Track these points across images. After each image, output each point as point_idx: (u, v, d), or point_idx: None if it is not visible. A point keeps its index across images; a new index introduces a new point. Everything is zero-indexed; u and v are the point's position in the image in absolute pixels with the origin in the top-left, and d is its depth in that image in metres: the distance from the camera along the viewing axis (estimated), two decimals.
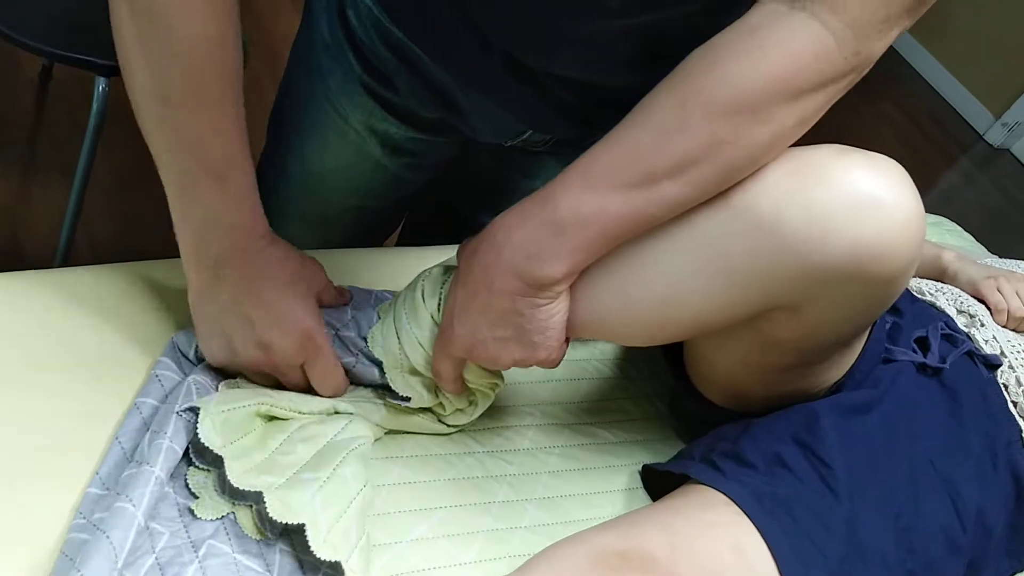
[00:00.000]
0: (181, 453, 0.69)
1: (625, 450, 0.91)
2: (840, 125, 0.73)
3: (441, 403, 0.80)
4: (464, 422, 0.82)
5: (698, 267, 0.66)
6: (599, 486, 0.87)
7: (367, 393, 0.80)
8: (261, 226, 0.72)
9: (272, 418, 0.74)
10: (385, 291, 0.86)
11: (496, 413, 0.88)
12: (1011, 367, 0.94)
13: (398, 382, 0.78)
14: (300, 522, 0.65)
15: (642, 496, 0.88)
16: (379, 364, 0.78)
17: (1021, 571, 0.88)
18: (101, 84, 1.39)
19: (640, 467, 0.89)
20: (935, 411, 0.87)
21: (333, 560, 0.65)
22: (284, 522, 0.65)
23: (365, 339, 0.78)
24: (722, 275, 0.65)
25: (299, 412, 0.74)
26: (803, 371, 0.80)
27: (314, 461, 0.70)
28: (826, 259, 0.62)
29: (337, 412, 0.77)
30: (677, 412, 0.97)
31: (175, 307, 0.81)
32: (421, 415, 0.81)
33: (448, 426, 0.82)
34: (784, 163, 0.63)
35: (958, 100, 3.64)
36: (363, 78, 0.88)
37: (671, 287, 0.68)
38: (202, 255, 0.70)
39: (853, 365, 0.83)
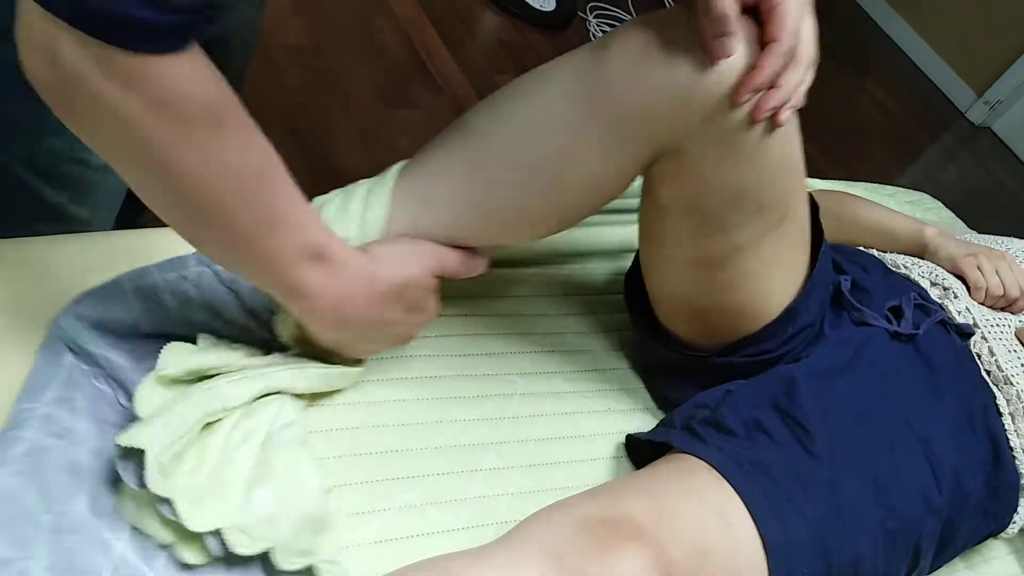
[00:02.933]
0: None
1: (609, 419, 0.92)
2: (823, 101, 0.74)
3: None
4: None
5: (584, 112, 0.72)
6: (584, 454, 0.88)
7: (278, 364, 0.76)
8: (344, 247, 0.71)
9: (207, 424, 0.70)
10: None
11: (482, 381, 0.89)
12: (984, 338, 0.95)
13: (285, 333, 0.77)
14: (268, 548, 0.64)
15: (626, 464, 0.89)
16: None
17: (998, 530, 0.90)
18: None
19: (623, 435, 0.91)
20: (910, 375, 0.88)
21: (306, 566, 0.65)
22: (250, 554, 0.64)
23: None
24: (605, 116, 0.71)
25: (234, 408, 0.70)
26: (734, 260, 0.80)
27: (261, 467, 0.67)
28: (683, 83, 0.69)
29: (266, 395, 0.73)
30: (646, 370, 0.99)
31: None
32: (333, 366, 0.78)
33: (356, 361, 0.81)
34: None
35: (940, 78, 3.65)
36: None
37: (564, 138, 0.73)
38: (341, 325, 0.72)
39: (806, 292, 0.85)
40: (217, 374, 0.72)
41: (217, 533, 0.63)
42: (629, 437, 0.90)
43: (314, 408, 0.79)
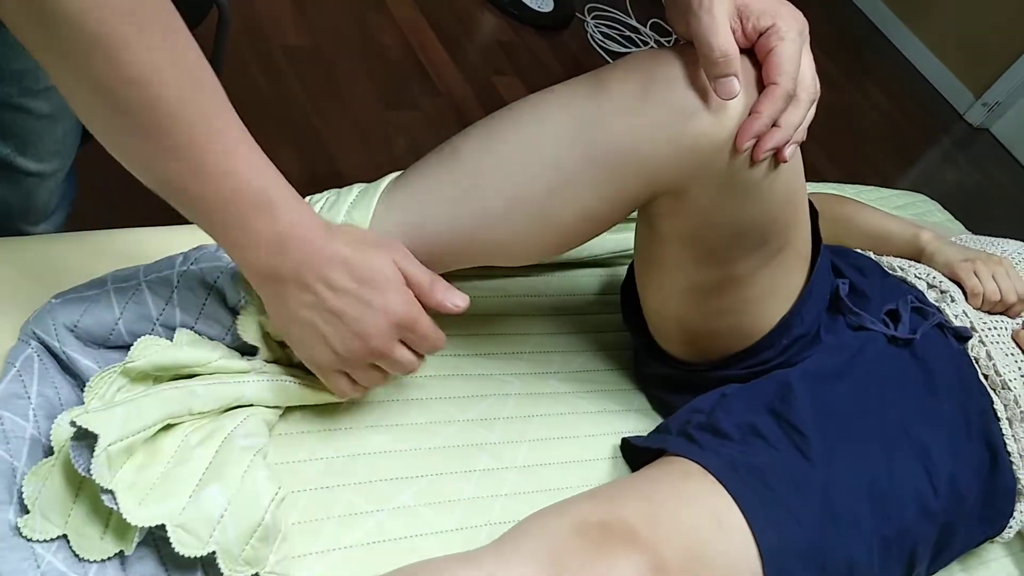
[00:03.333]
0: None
1: (604, 419, 0.92)
2: (821, 104, 0.74)
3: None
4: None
5: (581, 153, 0.70)
6: (579, 455, 0.88)
7: (256, 371, 0.74)
8: (319, 224, 0.67)
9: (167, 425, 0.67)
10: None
11: (477, 382, 0.89)
12: (981, 342, 0.95)
13: (247, 329, 0.73)
14: (210, 551, 0.62)
15: (621, 465, 0.89)
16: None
17: (994, 534, 0.90)
18: None
19: (618, 436, 0.91)
20: (907, 380, 0.88)
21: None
22: (193, 555, 0.61)
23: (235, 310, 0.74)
24: (601, 158, 0.70)
25: (200, 413, 0.68)
26: (731, 289, 0.80)
27: (216, 467, 0.65)
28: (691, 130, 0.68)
29: (236, 407, 0.71)
30: (643, 378, 0.98)
31: None
32: (316, 386, 0.76)
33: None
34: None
35: (939, 80, 3.65)
36: None
37: (559, 177, 0.71)
38: (275, 275, 0.66)
39: (800, 304, 0.84)
40: (192, 375, 0.70)
41: (161, 530, 0.61)
42: (625, 440, 0.90)
43: (306, 409, 0.79)
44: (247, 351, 0.75)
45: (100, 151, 0.60)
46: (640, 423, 0.94)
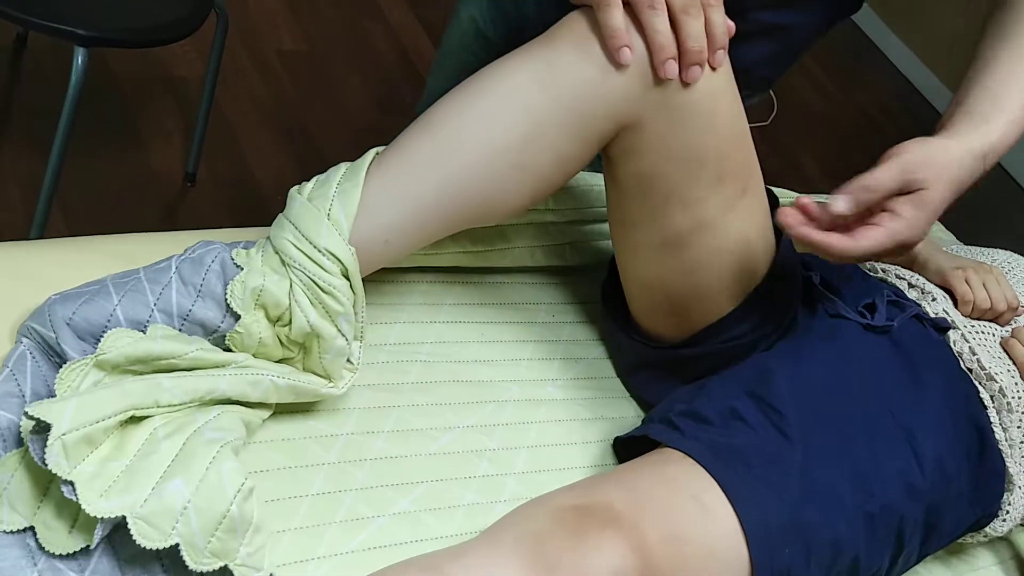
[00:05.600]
0: None
1: (601, 427, 0.93)
2: (811, 111, 0.75)
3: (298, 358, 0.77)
4: (344, 381, 0.79)
5: (549, 99, 0.77)
6: (577, 462, 0.89)
7: (236, 365, 0.73)
8: None
9: (135, 417, 0.66)
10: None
11: (477, 389, 0.89)
12: (965, 339, 0.96)
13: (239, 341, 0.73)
14: (174, 544, 0.61)
15: None
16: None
17: (985, 520, 0.91)
18: (80, 55, 1.37)
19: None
20: (888, 365, 0.89)
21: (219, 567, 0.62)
22: (155, 548, 0.60)
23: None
24: (567, 101, 0.77)
25: (169, 406, 0.67)
26: (702, 236, 0.84)
27: (181, 460, 0.64)
28: None
29: (211, 401, 0.70)
30: (622, 367, 1.00)
31: None
32: (308, 379, 0.76)
33: (337, 388, 0.78)
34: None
35: (928, 88, 3.68)
36: None
37: (532, 124, 0.77)
38: None
39: (772, 271, 0.87)
40: (172, 368, 0.69)
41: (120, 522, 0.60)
42: (616, 440, 0.91)
43: (308, 413, 0.79)
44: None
45: (95, 158, 0.61)
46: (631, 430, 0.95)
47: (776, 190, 1.11)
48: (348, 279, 0.75)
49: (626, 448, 0.89)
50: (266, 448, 0.75)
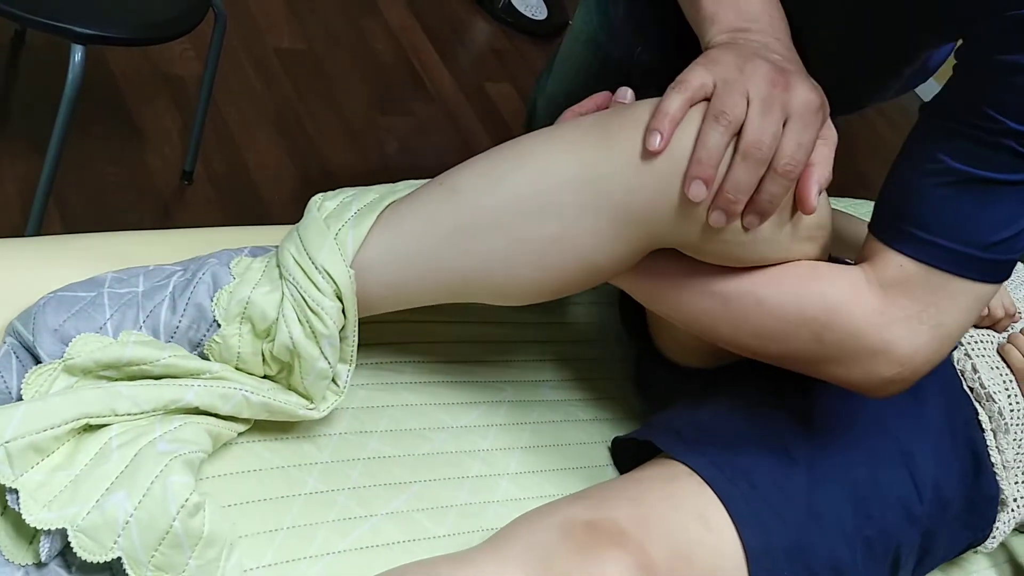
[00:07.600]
0: None
1: (596, 428, 0.93)
2: None
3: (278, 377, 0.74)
4: (326, 406, 0.76)
5: (586, 203, 0.68)
6: (571, 462, 0.89)
7: (209, 375, 0.70)
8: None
9: (93, 426, 0.64)
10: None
11: (471, 389, 0.89)
12: (967, 355, 0.96)
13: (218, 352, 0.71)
14: (115, 557, 0.59)
15: (612, 474, 0.90)
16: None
17: (977, 542, 0.91)
18: (78, 53, 1.36)
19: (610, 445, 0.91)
20: None
21: None
22: (96, 561, 0.59)
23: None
24: (606, 212, 0.68)
25: (128, 415, 0.65)
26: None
27: (128, 473, 0.62)
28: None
29: (177, 410, 0.68)
30: (644, 385, 0.99)
31: None
32: (286, 398, 0.73)
33: (318, 411, 0.75)
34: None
35: (924, 87, 3.68)
36: None
37: (562, 225, 0.69)
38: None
39: None
40: (144, 376, 0.68)
41: (61, 534, 0.59)
42: (615, 441, 0.91)
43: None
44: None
45: (92, 156, 0.61)
46: (633, 431, 0.95)
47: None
48: (342, 302, 0.71)
49: (626, 448, 0.89)
50: (259, 447, 0.75)
